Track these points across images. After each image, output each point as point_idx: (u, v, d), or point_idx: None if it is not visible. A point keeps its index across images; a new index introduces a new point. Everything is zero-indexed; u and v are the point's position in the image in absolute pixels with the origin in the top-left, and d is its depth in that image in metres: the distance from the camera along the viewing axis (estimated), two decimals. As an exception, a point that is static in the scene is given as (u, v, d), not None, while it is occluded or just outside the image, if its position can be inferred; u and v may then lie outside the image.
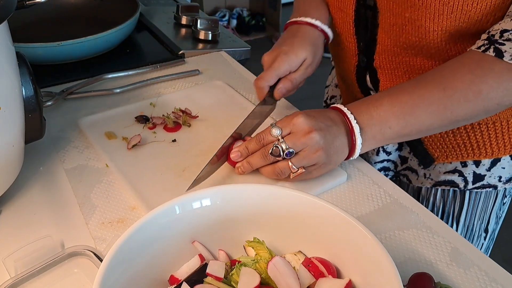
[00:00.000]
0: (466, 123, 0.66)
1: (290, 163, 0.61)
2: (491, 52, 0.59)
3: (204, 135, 0.76)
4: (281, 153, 0.61)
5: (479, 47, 0.60)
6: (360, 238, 0.44)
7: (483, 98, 0.59)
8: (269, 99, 0.75)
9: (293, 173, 0.62)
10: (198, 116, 0.80)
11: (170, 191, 0.65)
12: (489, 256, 0.57)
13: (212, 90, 0.89)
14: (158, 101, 0.85)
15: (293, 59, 0.74)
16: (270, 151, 0.62)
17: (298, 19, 0.79)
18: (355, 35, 0.76)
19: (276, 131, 0.61)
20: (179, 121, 0.79)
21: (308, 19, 0.78)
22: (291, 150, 0.61)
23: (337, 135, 0.62)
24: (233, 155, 0.66)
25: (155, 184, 0.66)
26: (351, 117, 0.62)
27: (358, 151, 0.64)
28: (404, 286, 0.49)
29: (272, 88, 0.75)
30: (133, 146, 0.72)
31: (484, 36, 0.61)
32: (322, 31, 0.79)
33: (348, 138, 0.63)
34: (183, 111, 0.80)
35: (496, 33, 0.59)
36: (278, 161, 0.63)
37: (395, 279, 0.40)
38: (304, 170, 0.62)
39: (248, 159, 0.65)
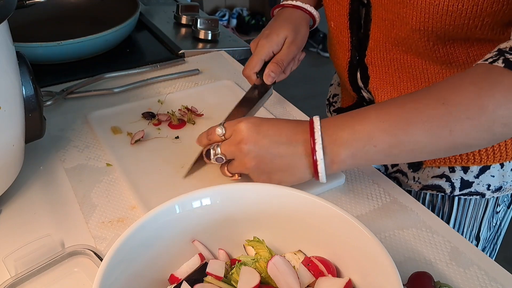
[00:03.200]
0: (467, 150, 0.57)
1: (225, 169, 0.62)
2: (500, 63, 0.51)
3: None
4: (212, 157, 0.61)
5: (486, 59, 0.53)
6: (360, 237, 0.45)
7: (488, 115, 0.50)
8: (261, 85, 0.75)
9: (229, 177, 0.63)
10: (203, 114, 0.81)
11: (167, 187, 0.65)
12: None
13: (220, 89, 0.89)
14: (167, 99, 0.86)
15: (274, 40, 0.75)
16: (204, 152, 0.62)
17: (283, 2, 0.82)
18: (349, 29, 0.76)
19: (219, 131, 0.61)
20: (184, 118, 0.80)
21: (290, 2, 0.81)
22: (221, 157, 0.60)
23: (282, 154, 0.57)
24: (197, 140, 0.66)
25: (152, 180, 0.67)
26: (317, 138, 0.55)
27: (322, 175, 0.57)
28: (403, 285, 0.49)
29: (261, 74, 0.75)
30: (136, 141, 0.74)
31: (494, 49, 0.55)
32: (307, 11, 0.80)
33: (309, 159, 0.57)
34: (188, 109, 0.81)
35: (508, 46, 0.53)
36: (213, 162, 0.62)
37: (394, 278, 0.40)
38: (239, 177, 0.63)
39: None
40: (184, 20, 1.15)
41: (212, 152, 0.61)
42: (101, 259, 0.53)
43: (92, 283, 0.43)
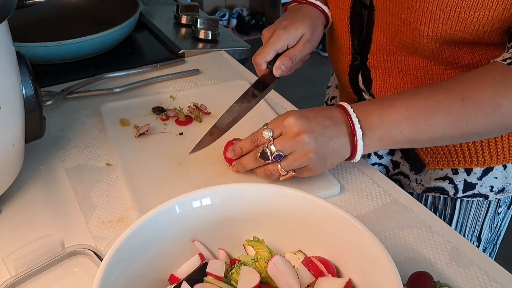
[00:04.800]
0: (479, 138, 0.63)
1: (279, 166, 0.61)
2: None
3: None
4: (270, 157, 0.60)
5: (504, 59, 0.58)
6: (360, 237, 0.45)
7: (502, 113, 0.57)
8: (267, 76, 0.73)
9: (282, 175, 0.62)
10: (211, 113, 0.81)
11: (162, 183, 0.66)
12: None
13: (234, 89, 0.89)
14: (179, 95, 0.86)
15: (291, 33, 0.73)
16: (259, 154, 0.61)
17: None
18: (350, 33, 0.76)
19: (267, 134, 0.60)
20: (191, 115, 0.80)
21: None
22: (280, 154, 0.60)
23: (334, 136, 0.60)
24: (229, 154, 0.66)
25: (149, 174, 0.67)
26: (355, 119, 0.60)
27: (359, 154, 0.61)
28: (404, 285, 0.49)
29: (272, 65, 0.73)
30: (141, 134, 0.75)
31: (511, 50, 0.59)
32: (323, 11, 0.79)
33: (350, 138, 0.61)
34: (197, 107, 0.81)
35: None
36: (269, 163, 0.62)
37: (395, 278, 0.40)
38: (294, 173, 0.62)
39: (241, 160, 0.65)
40: (184, 20, 1.15)
41: (268, 151, 0.60)
42: (101, 259, 0.53)
43: (92, 283, 0.43)
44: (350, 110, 0.61)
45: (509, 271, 0.55)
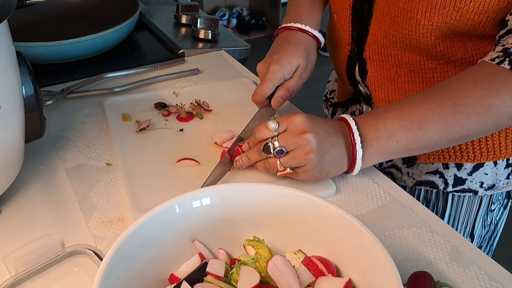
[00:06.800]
0: (476, 138, 0.64)
1: (278, 162, 0.61)
2: (506, 65, 0.57)
3: (211, 129, 0.77)
4: (272, 151, 0.61)
5: (493, 59, 0.59)
6: (360, 237, 0.45)
7: (495, 113, 0.58)
8: (268, 109, 0.74)
9: (279, 171, 0.62)
10: (212, 110, 0.82)
11: (161, 182, 0.66)
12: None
13: (238, 87, 0.89)
14: (183, 92, 0.87)
15: (286, 67, 0.73)
16: (262, 148, 0.62)
17: (289, 25, 0.79)
18: (351, 23, 0.76)
19: (273, 125, 0.61)
20: (193, 112, 0.81)
21: (298, 25, 0.78)
22: (282, 149, 0.60)
23: (335, 145, 0.61)
24: (244, 147, 0.67)
25: (148, 172, 0.68)
26: (354, 129, 0.61)
27: (358, 166, 0.62)
28: (403, 285, 0.49)
29: (270, 97, 0.74)
30: (141, 129, 0.75)
31: (499, 48, 0.60)
32: (314, 36, 0.79)
33: (348, 151, 0.62)
34: (199, 104, 0.81)
35: None
36: (270, 157, 0.63)
37: (394, 278, 0.40)
38: (291, 171, 0.62)
39: (246, 153, 0.66)
40: (184, 19, 1.15)
41: (271, 145, 0.61)
42: (101, 259, 0.53)
43: (92, 283, 0.43)
44: (351, 121, 0.62)
45: (509, 271, 0.55)
